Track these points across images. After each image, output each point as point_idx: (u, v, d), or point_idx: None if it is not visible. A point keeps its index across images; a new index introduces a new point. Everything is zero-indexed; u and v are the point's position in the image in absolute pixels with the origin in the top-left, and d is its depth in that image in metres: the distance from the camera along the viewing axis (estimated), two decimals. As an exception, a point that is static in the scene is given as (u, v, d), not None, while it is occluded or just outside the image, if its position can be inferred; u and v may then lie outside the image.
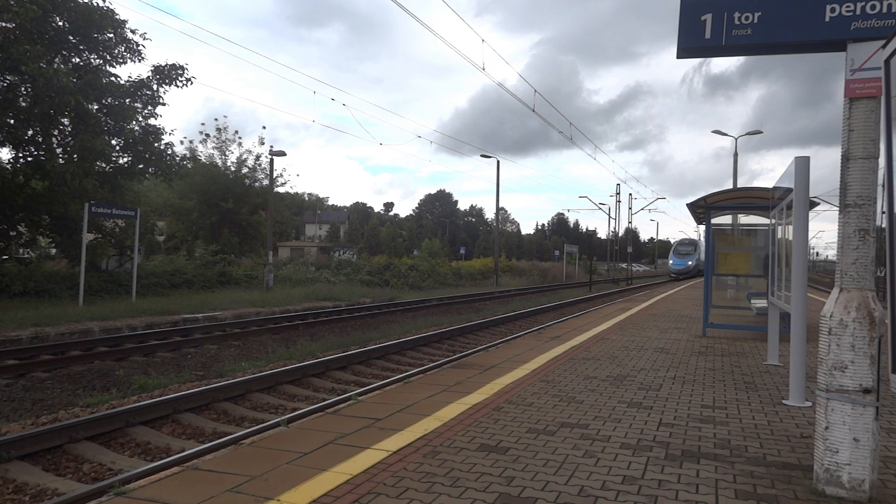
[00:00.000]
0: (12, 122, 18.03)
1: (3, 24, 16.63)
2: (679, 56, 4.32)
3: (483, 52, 24.67)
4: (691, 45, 4.19)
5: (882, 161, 3.32)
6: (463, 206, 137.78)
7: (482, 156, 55.13)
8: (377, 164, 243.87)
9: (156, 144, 21.06)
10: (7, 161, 19.47)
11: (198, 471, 3.94)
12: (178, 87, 21.26)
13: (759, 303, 11.23)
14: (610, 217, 62.93)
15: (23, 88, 18.10)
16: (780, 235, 7.40)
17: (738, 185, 29.06)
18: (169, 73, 20.81)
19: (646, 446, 4.48)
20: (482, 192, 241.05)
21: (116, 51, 20.18)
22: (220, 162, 35.90)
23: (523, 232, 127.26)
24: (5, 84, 17.73)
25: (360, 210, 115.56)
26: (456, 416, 5.24)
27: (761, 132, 34.33)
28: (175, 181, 26.27)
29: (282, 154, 27.93)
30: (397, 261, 44.29)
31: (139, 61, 22.97)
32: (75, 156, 18.98)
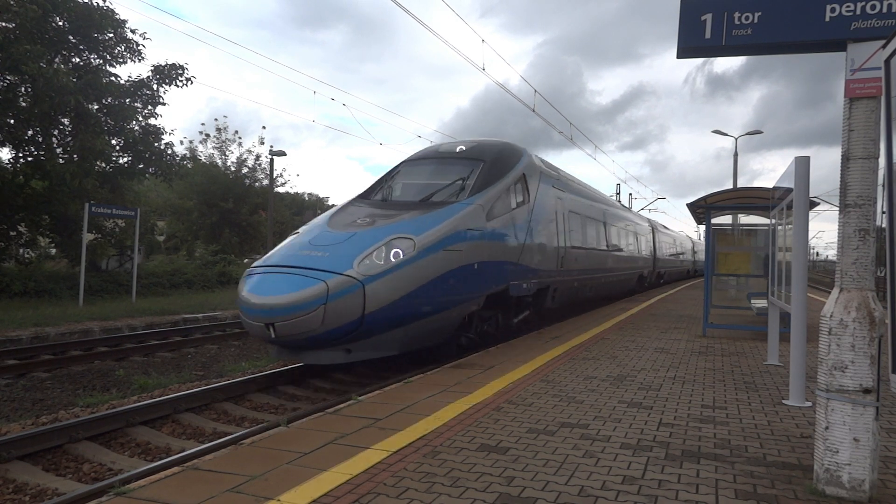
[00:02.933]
0: (12, 122, 18.04)
1: (3, 24, 16.63)
2: (679, 56, 4.32)
3: (483, 52, 24.70)
4: (691, 45, 4.19)
5: (882, 161, 3.32)
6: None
7: (482, 155, 54.70)
8: (378, 163, 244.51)
9: (156, 144, 21.09)
10: (7, 161, 19.50)
11: (198, 471, 3.94)
12: (178, 86, 21.31)
13: (759, 303, 11.23)
14: (610, 217, 62.77)
15: (23, 88, 18.11)
16: (780, 235, 7.39)
17: (739, 185, 29.08)
18: (169, 73, 20.84)
19: (646, 446, 4.48)
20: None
21: (116, 50, 20.21)
22: (220, 162, 35.95)
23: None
24: (5, 84, 17.73)
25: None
26: (456, 416, 5.24)
27: (761, 132, 34.34)
28: (175, 181, 26.30)
29: (282, 154, 27.95)
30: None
31: (139, 61, 23.02)
32: (75, 156, 19.01)
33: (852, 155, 3.63)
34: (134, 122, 20.65)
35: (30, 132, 19.02)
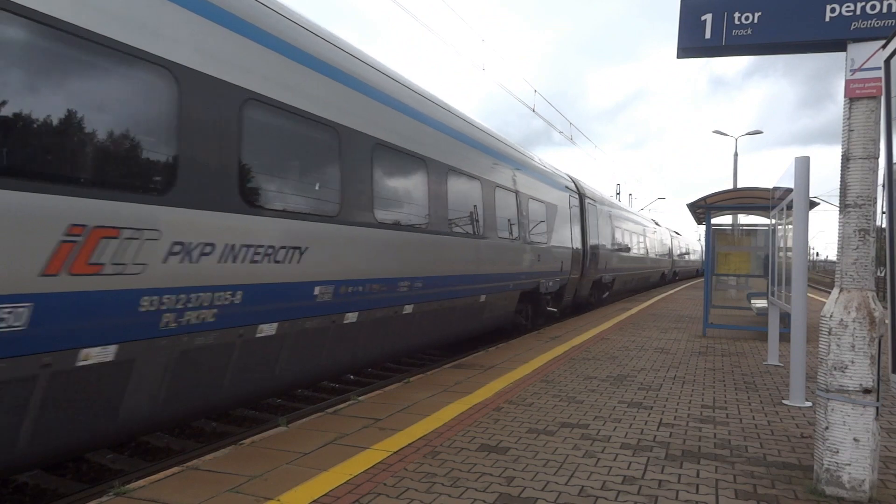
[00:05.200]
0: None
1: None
2: (679, 56, 4.32)
3: (484, 52, 24.72)
4: (691, 45, 4.19)
5: (882, 161, 3.32)
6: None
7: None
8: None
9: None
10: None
11: (198, 471, 3.94)
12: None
13: (759, 303, 11.24)
14: (610, 217, 62.59)
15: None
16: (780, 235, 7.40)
17: (739, 186, 29.05)
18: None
19: (646, 446, 4.48)
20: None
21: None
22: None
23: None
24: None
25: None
26: (456, 416, 5.24)
27: (761, 132, 34.34)
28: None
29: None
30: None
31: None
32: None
33: (852, 155, 3.63)
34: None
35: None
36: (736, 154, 32.21)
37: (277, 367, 5.59)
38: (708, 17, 4.14)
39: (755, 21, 4.06)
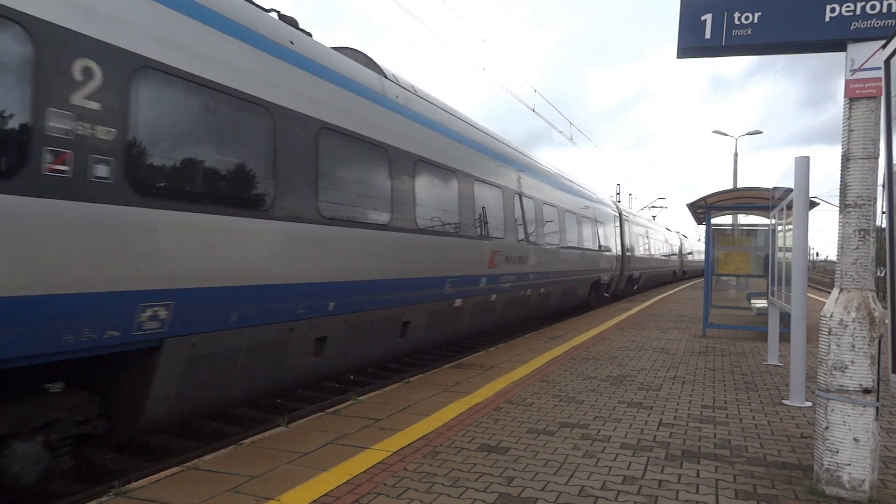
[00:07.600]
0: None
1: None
2: (679, 56, 4.32)
3: (484, 52, 24.72)
4: (691, 45, 4.19)
5: (882, 161, 3.32)
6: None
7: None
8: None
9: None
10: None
11: (198, 471, 3.95)
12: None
13: (759, 303, 11.24)
14: (610, 217, 62.59)
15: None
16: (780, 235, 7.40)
17: (739, 186, 29.05)
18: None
19: (646, 446, 4.48)
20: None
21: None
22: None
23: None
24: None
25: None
26: (456, 416, 5.24)
27: (761, 132, 34.32)
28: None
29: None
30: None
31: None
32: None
33: (852, 155, 3.63)
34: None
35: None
36: (736, 154, 32.22)
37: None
38: (708, 18, 4.14)
39: (755, 21, 4.06)
